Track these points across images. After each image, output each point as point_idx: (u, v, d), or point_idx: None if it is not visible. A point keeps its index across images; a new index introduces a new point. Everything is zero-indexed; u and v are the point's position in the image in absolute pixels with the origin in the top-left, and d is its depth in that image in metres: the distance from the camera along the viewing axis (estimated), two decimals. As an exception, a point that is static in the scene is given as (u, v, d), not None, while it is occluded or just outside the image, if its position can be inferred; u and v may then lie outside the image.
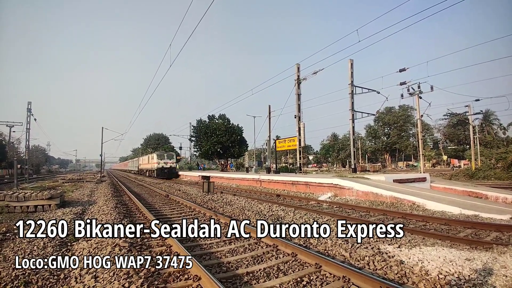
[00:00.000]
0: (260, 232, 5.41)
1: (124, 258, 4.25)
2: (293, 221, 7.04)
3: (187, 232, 6.56)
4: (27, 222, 7.93)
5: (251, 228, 6.09)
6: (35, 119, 31.15)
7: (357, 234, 5.60)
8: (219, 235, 6.11)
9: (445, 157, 55.40)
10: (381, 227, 5.57)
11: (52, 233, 6.38)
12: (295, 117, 22.64)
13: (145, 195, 14.95)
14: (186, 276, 3.89)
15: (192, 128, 40.96)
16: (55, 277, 3.97)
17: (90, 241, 5.57)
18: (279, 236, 5.32)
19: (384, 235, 5.40)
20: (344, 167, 67.40)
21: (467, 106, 31.32)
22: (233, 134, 38.55)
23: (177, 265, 4.27)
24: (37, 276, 3.95)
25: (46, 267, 4.28)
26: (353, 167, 21.38)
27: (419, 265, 3.99)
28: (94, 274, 3.83)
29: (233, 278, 3.89)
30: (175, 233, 6.19)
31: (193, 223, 7.40)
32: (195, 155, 50.74)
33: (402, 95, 22.25)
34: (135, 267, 3.93)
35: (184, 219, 7.99)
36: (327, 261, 4.02)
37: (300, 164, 23.84)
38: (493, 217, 7.55)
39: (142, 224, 7.37)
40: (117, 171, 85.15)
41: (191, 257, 4.19)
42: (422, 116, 23.61)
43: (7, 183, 26.25)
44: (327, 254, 4.76)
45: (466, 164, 43.43)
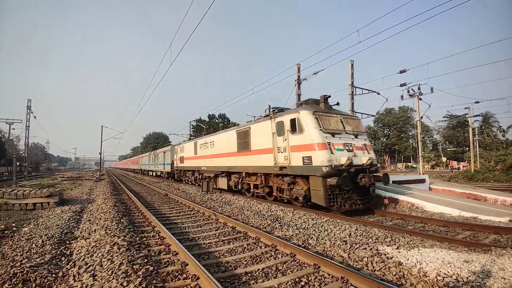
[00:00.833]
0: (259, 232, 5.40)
1: (122, 256, 4.26)
2: (292, 221, 7.04)
3: (186, 231, 6.57)
4: (26, 220, 7.93)
5: (250, 227, 6.09)
6: (35, 117, 31.19)
7: (356, 235, 5.63)
8: (218, 235, 6.11)
9: (444, 159, 55.38)
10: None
11: (50, 231, 6.41)
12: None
13: (144, 194, 14.95)
14: (184, 275, 3.90)
15: (191, 127, 40.93)
16: (53, 275, 3.97)
17: (88, 239, 5.57)
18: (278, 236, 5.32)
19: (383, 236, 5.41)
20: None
21: (466, 108, 31.30)
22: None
23: (175, 264, 4.28)
24: (35, 274, 3.95)
25: (44, 265, 4.29)
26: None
27: (417, 266, 3.99)
28: (92, 272, 3.83)
29: (231, 277, 3.89)
30: (174, 232, 6.22)
31: (192, 222, 7.41)
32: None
33: (402, 97, 22.20)
34: (133, 266, 3.93)
35: (183, 218, 7.99)
36: (326, 262, 4.02)
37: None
38: (492, 219, 7.55)
39: (140, 222, 7.37)
40: (118, 170, 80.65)
41: (190, 256, 4.20)
42: (421, 117, 23.61)
43: (6, 181, 26.25)
44: (325, 254, 4.77)
45: (465, 166, 43.41)
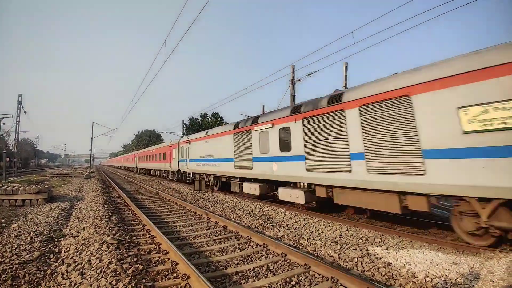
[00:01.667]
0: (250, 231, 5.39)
1: (112, 255, 4.21)
2: (283, 221, 7.06)
3: (177, 230, 6.52)
4: (15, 216, 7.76)
5: (242, 227, 6.08)
6: (25, 112, 30.54)
7: (346, 235, 5.68)
8: (209, 234, 6.09)
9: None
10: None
11: (39, 227, 6.30)
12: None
13: (135, 192, 14.79)
14: (174, 274, 3.87)
15: (184, 125, 40.61)
16: (42, 273, 3.91)
17: (77, 237, 5.49)
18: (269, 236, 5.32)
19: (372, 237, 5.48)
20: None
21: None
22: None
23: (165, 263, 4.25)
24: (24, 271, 3.89)
25: (33, 262, 4.22)
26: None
27: (406, 267, 4.05)
28: (81, 270, 3.78)
29: (222, 277, 3.88)
30: (165, 231, 6.16)
31: (183, 221, 7.36)
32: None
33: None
34: (122, 264, 3.89)
35: (174, 217, 7.94)
36: (316, 262, 4.05)
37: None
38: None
39: (131, 221, 7.29)
40: (109, 167, 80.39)
41: (180, 255, 4.17)
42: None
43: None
44: (316, 255, 4.80)
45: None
